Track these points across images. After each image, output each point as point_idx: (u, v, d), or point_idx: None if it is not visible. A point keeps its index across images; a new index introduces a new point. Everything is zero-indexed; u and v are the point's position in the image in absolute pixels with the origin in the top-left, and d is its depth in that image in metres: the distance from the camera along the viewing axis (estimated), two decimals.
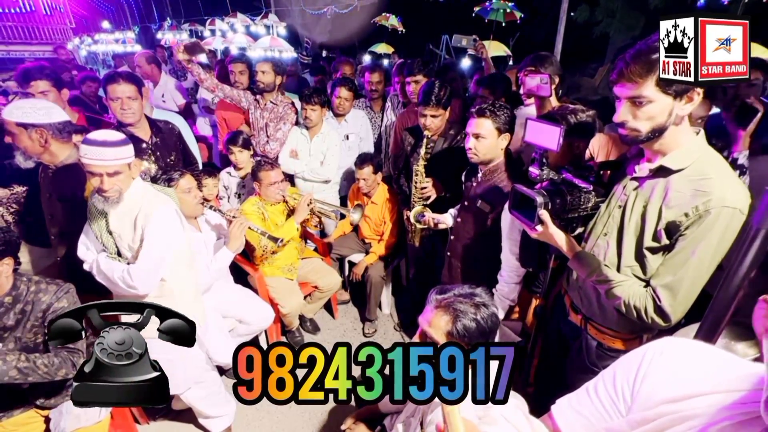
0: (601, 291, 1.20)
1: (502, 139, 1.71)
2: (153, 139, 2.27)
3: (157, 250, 1.56)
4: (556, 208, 1.18)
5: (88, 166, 1.45)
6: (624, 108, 1.05)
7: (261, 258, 2.51)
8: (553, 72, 2.03)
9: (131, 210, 1.56)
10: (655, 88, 0.98)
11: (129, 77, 2.14)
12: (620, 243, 1.19)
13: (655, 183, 1.11)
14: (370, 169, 2.69)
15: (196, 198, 2.02)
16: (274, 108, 2.93)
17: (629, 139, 1.09)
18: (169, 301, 1.70)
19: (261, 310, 2.31)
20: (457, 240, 1.98)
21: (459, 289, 1.11)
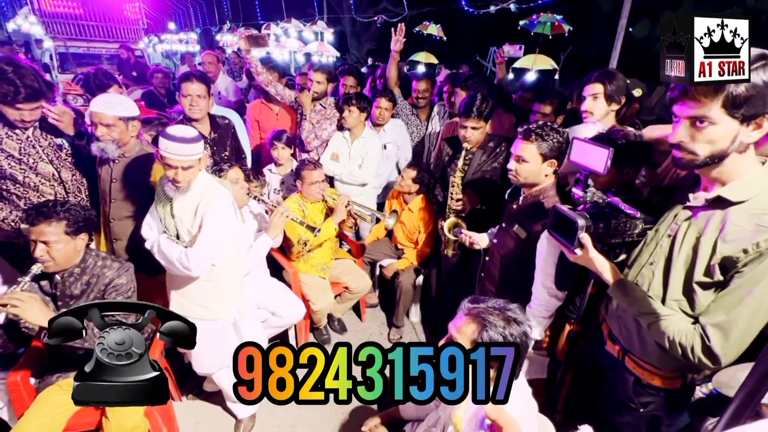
0: (642, 324, 1.15)
1: (547, 165, 1.61)
2: (212, 134, 2.45)
3: (213, 237, 1.67)
4: (599, 232, 1.15)
5: (167, 159, 1.58)
6: (682, 128, 0.99)
7: (297, 255, 2.60)
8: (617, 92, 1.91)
9: (194, 198, 1.69)
10: (721, 109, 0.93)
11: (202, 77, 2.36)
12: (667, 274, 1.13)
13: (711, 214, 1.05)
14: (413, 174, 2.73)
15: (243, 189, 2.14)
16: (322, 110, 3.05)
17: (684, 162, 1.03)
18: (216, 286, 1.83)
19: (293, 305, 2.39)
20: (492, 263, 1.92)
21: (493, 301, 1.11)
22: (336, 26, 9.95)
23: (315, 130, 3.07)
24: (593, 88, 1.93)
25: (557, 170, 1.63)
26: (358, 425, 1.99)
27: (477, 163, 2.33)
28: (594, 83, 1.93)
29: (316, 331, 2.76)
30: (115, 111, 1.89)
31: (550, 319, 1.59)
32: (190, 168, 1.62)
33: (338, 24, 12.01)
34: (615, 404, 1.29)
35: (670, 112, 1.03)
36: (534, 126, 1.58)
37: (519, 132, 1.61)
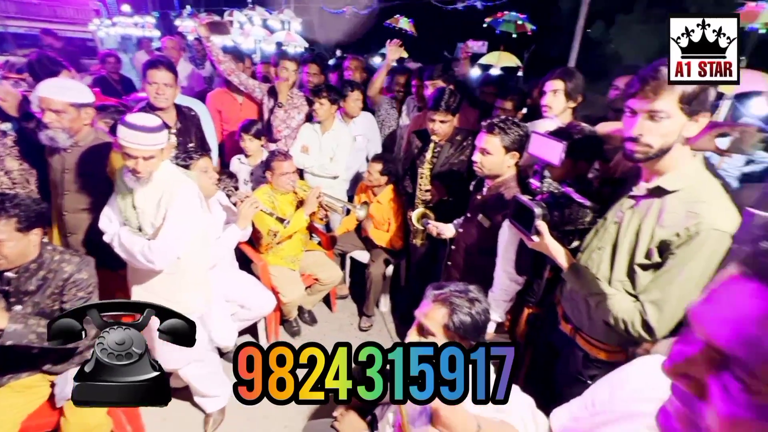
0: (591, 303, 1.26)
1: (510, 157, 1.70)
2: (177, 124, 2.37)
3: (178, 229, 1.63)
4: (554, 220, 1.24)
5: (126, 148, 1.51)
6: (641, 121, 1.05)
7: (266, 247, 2.58)
8: (575, 90, 2.06)
9: (157, 189, 1.64)
10: (677, 104, 1.00)
11: (169, 65, 2.28)
12: (613, 258, 1.25)
13: (651, 202, 1.17)
14: (379, 167, 2.76)
15: (212, 179, 2.10)
16: (289, 99, 3.02)
17: (637, 155, 1.09)
18: (181, 278, 1.79)
19: (262, 297, 2.38)
20: (457, 251, 2.00)
21: (454, 285, 1.18)
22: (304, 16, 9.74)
23: (286, 119, 3.03)
24: (554, 84, 2.06)
25: (518, 162, 1.72)
26: (329, 412, 2.03)
27: (445, 155, 2.40)
28: (555, 80, 2.06)
29: (286, 323, 2.76)
30: (66, 96, 1.78)
31: (511, 302, 1.70)
32: (151, 158, 1.56)
33: (306, 14, 11.75)
34: (567, 378, 1.40)
35: (618, 109, 1.12)
36: (497, 120, 1.67)
37: (483, 126, 1.69)
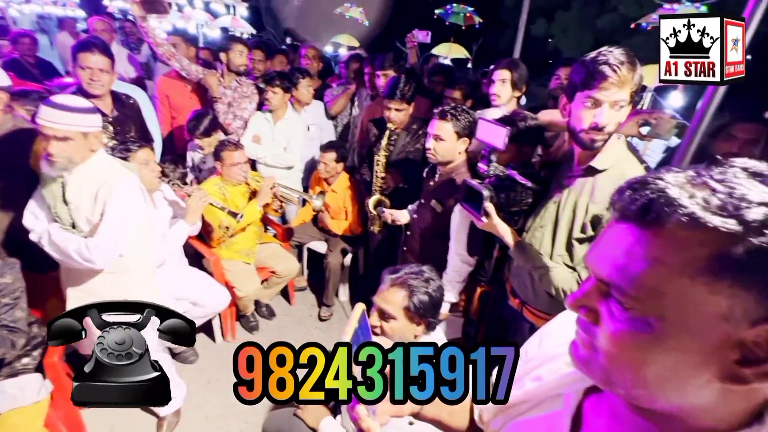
0: (535, 277, 1.36)
1: (461, 143, 1.77)
2: (114, 113, 2.19)
3: (118, 225, 1.52)
4: (500, 201, 1.32)
5: (41, 127, 1.40)
6: (607, 112, 1.10)
7: (218, 240, 2.48)
8: (520, 80, 2.19)
9: (93, 182, 1.51)
10: (630, 93, 1.10)
11: (105, 50, 2.07)
12: (554, 234, 1.35)
13: (585, 181, 1.28)
14: (333, 156, 2.74)
15: (154, 171, 1.97)
16: (238, 87, 2.90)
17: (597, 144, 1.17)
18: (125, 278, 1.68)
19: (216, 294, 2.30)
20: (412, 236, 2.06)
21: (409, 268, 1.23)
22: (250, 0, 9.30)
23: (234, 110, 2.90)
24: (501, 74, 2.19)
25: (468, 148, 1.80)
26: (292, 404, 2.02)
27: (401, 143, 2.45)
28: (502, 69, 2.19)
29: (243, 318, 2.69)
30: None
31: (463, 283, 1.78)
32: (66, 140, 1.43)
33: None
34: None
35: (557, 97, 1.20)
36: (448, 108, 1.73)
37: (435, 113, 1.75)
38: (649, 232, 0.38)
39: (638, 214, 0.39)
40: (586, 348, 0.45)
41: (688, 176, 0.39)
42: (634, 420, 0.46)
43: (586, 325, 0.45)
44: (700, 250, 0.35)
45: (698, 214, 0.35)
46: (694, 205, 0.36)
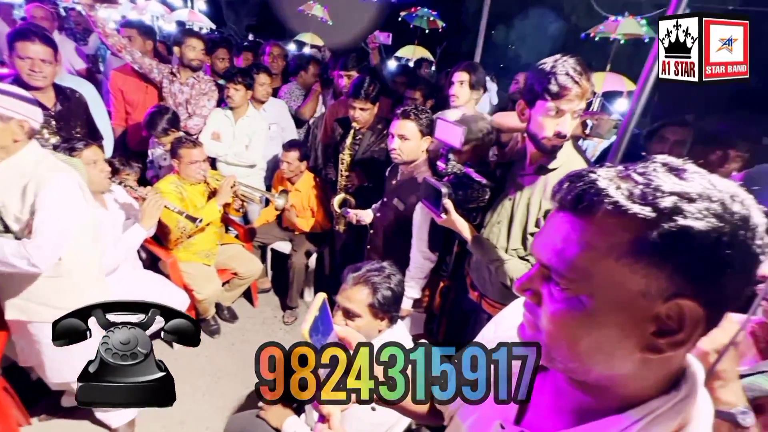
0: (492, 269, 1.43)
1: (425, 141, 1.81)
2: (57, 107, 2.04)
3: (56, 223, 1.42)
4: (458, 198, 1.38)
5: None
6: (570, 120, 1.18)
7: (176, 242, 2.38)
8: (478, 82, 2.28)
9: (20, 177, 1.39)
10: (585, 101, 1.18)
11: (46, 39, 1.93)
12: (510, 229, 1.43)
13: (537, 179, 1.36)
14: (296, 154, 2.72)
15: (103, 171, 1.87)
16: (195, 84, 2.80)
17: (557, 149, 1.25)
18: (67, 282, 1.58)
19: (173, 297, 2.20)
20: (376, 235, 2.09)
21: (369, 265, 1.25)
22: None
23: (192, 107, 2.79)
24: (460, 76, 2.28)
25: (428, 147, 1.85)
26: (253, 404, 1.98)
27: (367, 143, 2.47)
28: (461, 71, 2.28)
29: (203, 322, 2.59)
30: None
31: (426, 279, 1.83)
32: None
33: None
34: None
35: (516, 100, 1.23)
36: (410, 108, 1.78)
37: (397, 113, 1.79)
38: (582, 220, 0.43)
39: (572, 203, 0.43)
40: (531, 328, 0.50)
41: (618, 170, 0.43)
42: (573, 393, 0.51)
43: (531, 306, 0.49)
44: (623, 234, 0.40)
45: (621, 203, 0.39)
46: (618, 195, 0.40)
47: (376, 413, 1.16)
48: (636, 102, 1.01)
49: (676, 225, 0.37)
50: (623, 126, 1.08)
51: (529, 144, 1.31)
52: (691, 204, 0.37)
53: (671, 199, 0.38)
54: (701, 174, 0.40)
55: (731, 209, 0.38)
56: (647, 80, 0.98)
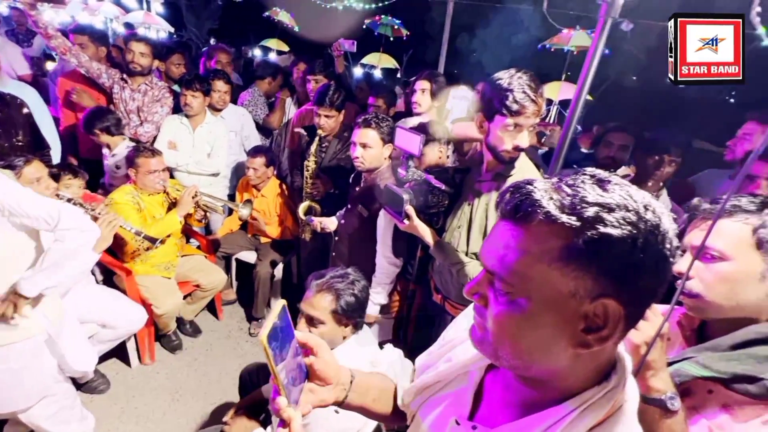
0: (453, 272, 1.47)
1: (386, 149, 1.84)
2: None
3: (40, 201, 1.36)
4: (419, 204, 1.41)
5: None
6: (527, 135, 1.26)
7: (133, 255, 2.28)
8: (439, 91, 2.36)
9: None
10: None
11: None
12: (469, 234, 1.48)
13: (493, 185, 1.42)
14: (262, 160, 2.68)
15: (48, 189, 1.76)
16: (148, 90, 2.70)
17: (515, 160, 1.32)
18: None
19: (129, 313, 2.10)
20: (341, 242, 2.09)
21: (333, 271, 1.25)
22: None
23: (144, 114, 2.69)
24: (422, 84, 2.35)
25: (391, 154, 1.89)
26: (218, 418, 1.92)
27: (333, 150, 2.47)
28: (423, 80, 2.36)
29: (164, 338, 2.49)
30: None
31: (392, 284, 1.85)
32: None
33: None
34: None
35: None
36: (371, 116, 1.80)
37: (358, 122, 1.81)
38: (519, 228, 0.46)
39: (511, 213, 0.47)
40: (480, 329, 0.53)
41: (553, 182, 0.47)
42: (520, 388, 0.55)
43: (479, 309, 0.53)
44: (554, 241, 0.44)
45: (552, 213, 0.43)
46: (550, 205, 0.44)
47: (340, 417, 1.17)
48: (573, 111, 1.09)
49: (597, 232, 0.41)
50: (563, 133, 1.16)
51: (486, 152, 1.37)
52: (611, 213, 0.42)
53: (593, 209, 0.42)
54: (621, 186, 0.45)
55: (645, 218, 0.42)
56: (583, 89, 1.06)
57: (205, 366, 2.43)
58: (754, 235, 0.76)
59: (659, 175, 1.81)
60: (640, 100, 9.79)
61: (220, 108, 2.90)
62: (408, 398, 0.75)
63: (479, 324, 0.53)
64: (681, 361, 0.83)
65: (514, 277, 0.46)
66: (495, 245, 0.49)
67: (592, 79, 1.26)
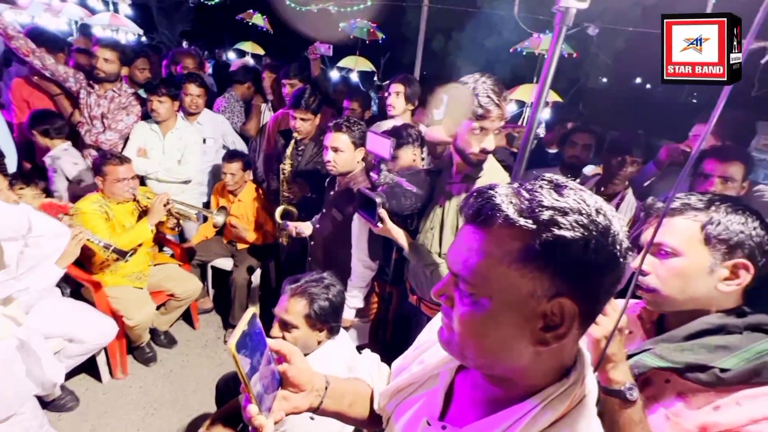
0: (427, 273, 1.49)
1: (358, 152, 1.84)
2: None
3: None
4: (392, 207, 1.43)
5: None
6: (493, 138, 1.29)
7: (101, 266, 2.20)
8: (413, 95, 2.39)
9: None
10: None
11: None
12: (441, 235, 1.50)
13: (463, 187, 1.45)
14: (239, 165, 2.64)
15: (9, 201, 1.68)
16: (115, 97, 2.61)
17: (483, 162, 1.35)
18: None
19: (97, 326, 2.02)
20: (316, 246, 2.09)
21: (309, 276, 1.25)
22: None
23: (108, 121, 2.60)
24: (396, 87, 2.39)
25: (365, 158, 1.90)
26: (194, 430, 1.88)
27: (309, 154, 2.45)
28: (397, 83, 2.39)
29: (137, 350, 2.41)
30: None
31: (368, 287, 1.86)
32: None
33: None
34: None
35: None
36: (342, 120, 1.81)
37: (330, 126, 1.81)
38: (481, 231, 0.48)
39: (474, 216, 0.49)
40: (447, 330, 0.54)
41: (513, 187, 0.49)
42: (487, 387, 0.56)
43: (446, 310, 0.54)
44: (513, 243, 0.46)
45: (511, 216, 0.45)
46: (510, 209, 0.46)
47: (317, 423, 1.16)
48: (534, 114, 1.13)
49: (552, 235, 0.43)
50: (525, 135, 1.20)
51: (455, 155, 1.40)
52: (565, 217, 0.44)
53: (549, 212, 0.44)
54: (576, 190, 0.47)
55: (596, 220, 0.44)
56: (542, 94, 1.09)
57: (181, 377, 2.36)
58: (703, 231, 0.80)
59: (623, 174, 1.89)
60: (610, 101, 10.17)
61: (193, 112, 2.82)
62: (383, 401, 0.76)
63: (446, 325, 0.54)
64: (640, 353, 0.86)
65: (476, 278, 0.48)
66: (459, 248, 0.51)
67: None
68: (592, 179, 2.10)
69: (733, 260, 0.79)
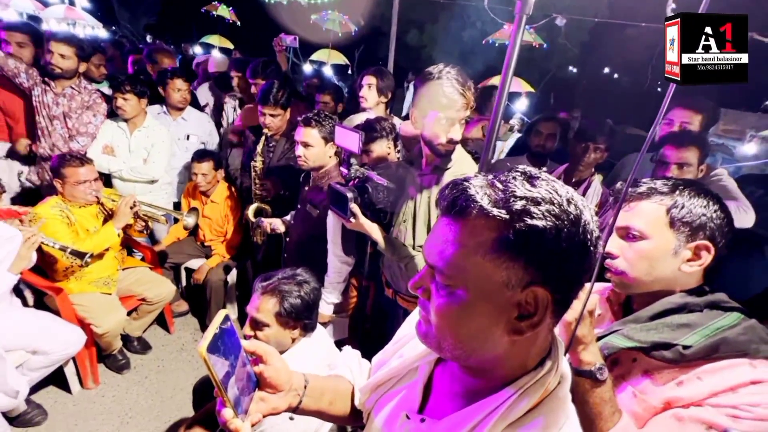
0: (402, 266, 1.49)
1: (330, 147, 1.81)
2: None
3: None
4: (364, 202, 1.41)
5: None
6: (460, 128, 1.30)
7: (66, 272, 2.09)
8: (386, 87, 2.36)
9: None
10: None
11: None
12: (414, 227, 1.49)
13: (433, 178, 1.45)
14: (209, 165, 2.56)
15: None
16: (75, 95, 2.46)
17: (451, 152, 1.36)
18: None
19: (63, 335, 1.91)
20: (292, 242, 2.05)
21: (282, 273, 1.22)
22: None
23: (76, 125, 2.45)
24: (368, 79, 2.36)
25: (338, 152, 1.87)
26: None
27: (281, 150, 2.40)
28: (369, 75, 2.37)
29: (109, 358, 2.31)
30: None
31: (345, 283, 1.84)
32: None
33: None
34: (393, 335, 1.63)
35: None
36: (311, 114, 1.77)
37: (299, 121, 1.77)
38: (457, 223, 0.48)
39: (449, 208, 0.49)
40: (425, 323, 0.54)
41: (487, 178, 0.49)
42: (465, 378, 0.57)
43: (423, 303, 0.54)
44: (487, 234, 0.46)
45: (485, 207, 0.45)
46: (484, 200, 0.46)
47: (296, 423, 1.15)
48: (498, 102, 1.13)
49: (525, 224, 0.44)
50: (490, 125, 1.21)
51: (424, 147, 1.39)
52: (537, 207, 0.44)
53: (521, 203, 0.44)
54: (548, 181, 0.47)
55: (567, 210, 0.45)
56: (505, 84, 1.10)
57: (156, 383, 2.29)
58: (668, 215, 0.83)
59: (586, 161, 1.93)
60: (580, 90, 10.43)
61: (180, 107, 2.75)
62: (364, 397, 0.76)
63: (424, 318, 0.54)
64: (609, 335, 0.89)
65: (452, 269, 0.48)
66: (435, 240, 0.51)
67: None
68: (560, 167, 2.14)
69: (696, 242, 0.81)
